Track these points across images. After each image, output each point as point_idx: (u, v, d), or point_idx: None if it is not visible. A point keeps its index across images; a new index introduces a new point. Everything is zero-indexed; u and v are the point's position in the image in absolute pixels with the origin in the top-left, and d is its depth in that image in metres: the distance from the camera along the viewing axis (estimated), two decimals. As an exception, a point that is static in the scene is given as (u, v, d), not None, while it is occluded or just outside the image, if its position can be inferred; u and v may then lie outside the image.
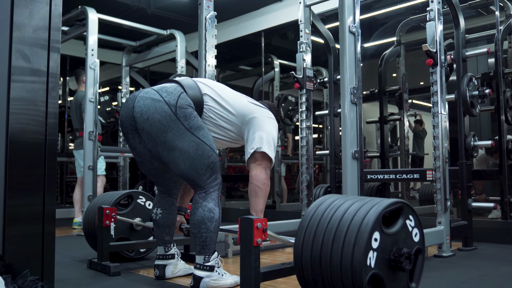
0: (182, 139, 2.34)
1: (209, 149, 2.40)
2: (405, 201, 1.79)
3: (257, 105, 2.67)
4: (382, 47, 6.84)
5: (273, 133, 2.57)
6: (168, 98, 2.35)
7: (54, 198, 2.03)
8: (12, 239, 1.86)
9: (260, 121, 2.56)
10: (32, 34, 1.94)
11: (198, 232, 2.37)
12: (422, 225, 1.85)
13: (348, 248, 1.61)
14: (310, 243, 1.73)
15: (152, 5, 7.14)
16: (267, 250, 3.84)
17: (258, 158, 2.50)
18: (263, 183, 2.46)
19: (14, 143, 1.88)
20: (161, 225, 2.70)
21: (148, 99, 2.35)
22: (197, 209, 2.38)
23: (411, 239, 1.79)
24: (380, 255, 1.65)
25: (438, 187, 3.42)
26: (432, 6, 3.43)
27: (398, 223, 1.74)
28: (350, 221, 1.65)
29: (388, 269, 1.69)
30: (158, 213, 2.70)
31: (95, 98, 5.03)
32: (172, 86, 2.45)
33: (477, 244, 3.84)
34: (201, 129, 2.40)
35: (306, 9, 4.28)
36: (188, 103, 2.39)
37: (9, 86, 1.88)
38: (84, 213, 3.48)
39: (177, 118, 2.33)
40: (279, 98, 7.45)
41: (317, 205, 1.84)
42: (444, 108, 3.48)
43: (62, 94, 8.58)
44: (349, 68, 3.06)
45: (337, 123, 4.60)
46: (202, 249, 2.39)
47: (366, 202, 1.72)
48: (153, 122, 2.33)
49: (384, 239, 1.66)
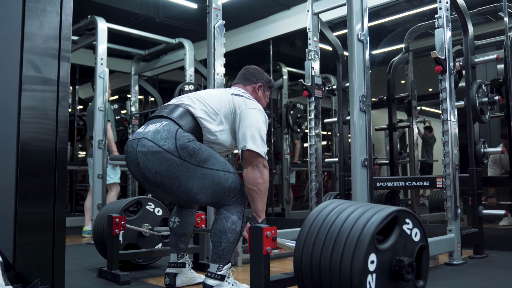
0: (195, 177, 2.32)
1: (224, 173, 2.38)
2: (399, 209, 1.75)
3: (238, 95, 2.54)
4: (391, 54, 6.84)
5: (256, 125, 2.42)
6: (166, 145, 2.28)
7: (64, 207, 2.04)
8: (22, 247, 1.87)
9: (241, 117, 2.44)
10: (43, 44, 1.95)
11: (218, 242, 2.38)
12: (422, 225, 1.83)
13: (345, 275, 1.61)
14: (309, 252, 1.74)
15: (161, 14, 7.19)
16: (277, 258, 3.82)
17: (247, 156, 2.40)
18: (254, 183, 2.37)
19: (25, 152, 1.89)
20: (178, 233, 2.70)
21: (149, 153, 2.29)
22: (221, 220, 2.39)
23: (411, 241, 1.78)
24: (379, 274, 1.64)
25: (448, 194, 3.39)
26: (441, 13, 3.42)
27: (394, 234, 1.72)
28: (342, 249, 1.64)
29: (391, 280, 1.68)
30: (175, 221, 2.71)
31: (105, 107, 5.06)
32: (165, 127, 2.34)
33: (488, 251, 3.80)
34: (209, 159, 2.36)
35: (314, 17, 4.29)
36: (187, 139, 2.32)
37: (20, 96, 1.89)
38: (94, 221, 3.49)
39: (183, 160, 2.29)
40: (288, 105, 7.45)
41: (314, 215, 1.85)
42: (454, 115, 3.47)
43: (71, 103, 8.64)
44: (358, 76, 3.05)
45: (346, 131, 4.59)
46: (218, 258, 2.39)
47: (358, 218, 1.69)
48: (162, 174, 2.31)
49: (381, 257, 1.65)
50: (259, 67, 2.85)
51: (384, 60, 7.21)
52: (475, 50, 4.29)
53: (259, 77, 2.78)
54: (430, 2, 5.89)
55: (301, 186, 8.93)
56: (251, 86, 2.75)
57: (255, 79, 2.77)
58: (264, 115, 2.52)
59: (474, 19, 4.67)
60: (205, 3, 3.68)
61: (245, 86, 2.75)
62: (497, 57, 3.95)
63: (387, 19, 6.80)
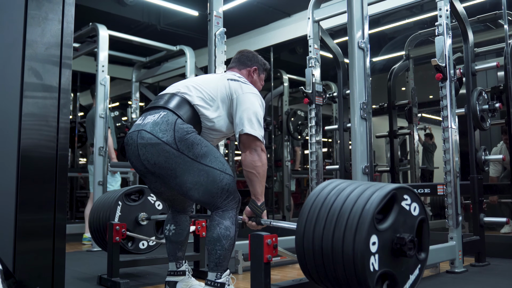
0: (191, 171, 2.32)
1: (220, 173, 2.36)
2: (396, 187, 1.75)
3: (234, 80, 2.52)
4: (391, 61, 6.85)
5: (253, 109, 2.42)
6: (165, 137, 2.28)
7: (65, 214, 2.04)
8: (22, 254, 1.87)
9: (238, 102, 2.43)
10: (44, 51, 1.96)
11: (213, 249, 2.36)
12: (420, 199, 1.84)
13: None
14: (310, 236, 1.76)
15: (162, 22, 7.22)
16: (277, 266, 3.81)
17: (244, 141, 2.39)
18: (253, 166, 2.36)
19: (25, 158, 1.89)
20: (175, 241, 2.68)
21: (148, 145, 2.30)
22: (214, 227, 2.37)
23: (411, 216, 1.79)
24: (382, 253, 1.67)
25: (449, 202, 3.38)
26: (441, 21, 3.43)
27: (393, 212, 1.73)
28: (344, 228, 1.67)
29: (393, 257, 1.71)
30: (171, 229, 2.69)
31: (106, 114, 5.06)
32: (163, 118, 2.34)
33: (490, 259, 3.78)
34: (208, 155, 2.35)
35: (314, 24, 4.30)
36: (186, 130, 2.32)
37: (21, 102, 1.89)
38: (92, 207, 3.46)
39: (181, 153, 2.29)
40: (288, 112, 7.46)
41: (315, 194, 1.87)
42: (454, 122, 3.47)
43: (72, 110, 8.65)
44: (359, 84, 3.06)
45: (347, 138, 4.59)
46: (215, 266, 2.37)
47: (357, 199, 1.71)
48: (161, 165, 2.31)
49: (382, 237, 1.67)
50: (253, 51, 2.84)
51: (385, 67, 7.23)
52: (475, 58, 4.29)
53: (254, 61, 2.77)
54: (430, 9, 5.92)
55: (302, 193, 8.92)
56: (246, 70, 2.74)
57: (250, 63, 2.76)
58: (261, 99, 2.52)
59: (474, 27, 4.69)
60: (206, 10, 3.69)
61: (240, 70, 2.73)
62: (497, 65, 3.96)
63: (387, 26, 6.83)
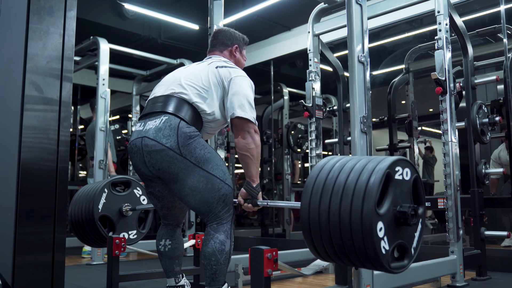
0: (191, 175, 2.31)
1: (219, 182, 2.35)
2: (387, 166, 1.72)
3: (222, 67, 2.49)
4: (391, 74, 6.88)
5: (243, 92, 2.41)
6: (169, 142, 2.29)
7: (65, 227, 2.03)
8: (22, 268, 1.85)
9: (228, 87, 2.43)
10: (45, 64, 1.96)
11: (208, 264, 2.32)
12: (409, 161, 1.85)
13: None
14: (316, 210, 1.78)
15: (163, 35, 7.26)
16: (277, 280, 3.79)
17: (237, 124, 2.38)
18: (247, 149, 2.34)
19: (25, 171, 1.89)
20: (171, 256, 2.64)
21: (152, 152, 2.31)
22: (209, 241, 2.33)
23: (405, 182, 1.81)
24: (387, 232, 1.70)
25: (450, 215, 3.37)
26: (440, 34, 3.45)
27: (389, 192, 1.74)
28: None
29: (397, 226, 1.75)
30: (166, 244, 2.64)
31: (106, 127, 5.07)
32: (165, 123, 2.34)
33: (491, 273, 3.76)
34: (210, 161, 2.35)
35: (314, 38, 4.32)
36: (189, 135, 2.31)
37: (22, 115, 1.89)
38: (72, 199, 3.37)
39: (184, 158, 2.29)
40: (289, 126, 7.46)
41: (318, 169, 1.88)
42: (455, 136, 3.47)
43: (73, 123, 8.67)
44: (359, 98, 3.06)
45: (347, 151, 4.58)
46: (211, 281, 2.33)
47: (361, 171, 1.73)
48: (164, 170, 2.32)
49: (384, 218, 1.69)
50: (230, 28, 2.80)
51: (385, 81, 7.25)
52: (475, 71, 4.31)
53: (234, 38, 2.73)
54: (430, 23, 5.95)
55: (302, 207, 8.89)
56: (228, 50, 2.71)
57: (230, 42, 2.71)
58: (250, 81, 2.50)
59: (474, 41, 4.71)
60: (206, 24, 3.72)
61: (222, 52, 2.70)
62: (497, 78, 3.97)
63: (387, 40, 6.87)
